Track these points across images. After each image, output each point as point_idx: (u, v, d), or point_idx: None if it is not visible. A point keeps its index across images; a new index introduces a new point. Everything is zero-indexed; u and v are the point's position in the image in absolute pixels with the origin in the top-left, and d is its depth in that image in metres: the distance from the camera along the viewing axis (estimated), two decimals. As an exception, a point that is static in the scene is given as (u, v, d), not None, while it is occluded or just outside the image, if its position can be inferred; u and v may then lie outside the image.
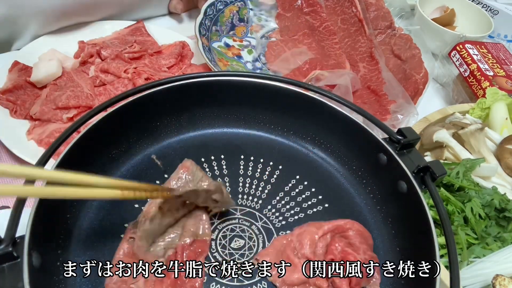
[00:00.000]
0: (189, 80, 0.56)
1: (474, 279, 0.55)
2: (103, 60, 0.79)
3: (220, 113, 0.61)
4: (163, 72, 0.80)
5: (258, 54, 0.89)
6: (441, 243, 0.51)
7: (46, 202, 0.41)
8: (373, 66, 0.87)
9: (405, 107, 0.77)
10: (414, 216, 0.48)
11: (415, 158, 0.52)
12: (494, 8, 1.16)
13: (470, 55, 0.91)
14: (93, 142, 0.49)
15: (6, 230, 0.36)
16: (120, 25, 0.88)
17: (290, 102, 0.59)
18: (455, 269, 0.39)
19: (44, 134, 0.65)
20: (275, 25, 0.98)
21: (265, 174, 0.57)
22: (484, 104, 0.78)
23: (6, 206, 0.58)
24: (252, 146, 0.61)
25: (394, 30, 0.97)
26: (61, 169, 0.39)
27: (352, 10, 0.95)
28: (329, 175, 0.59)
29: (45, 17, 0.78)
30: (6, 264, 0.35)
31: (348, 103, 0.55)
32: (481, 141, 0.71)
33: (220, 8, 0.93)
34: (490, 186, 0.65)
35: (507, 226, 0.61)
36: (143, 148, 0.57)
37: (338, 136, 0.59)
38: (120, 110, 0.51)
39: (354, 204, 0.56)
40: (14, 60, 0.74)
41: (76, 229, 0.46)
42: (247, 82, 0.58)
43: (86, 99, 0.70)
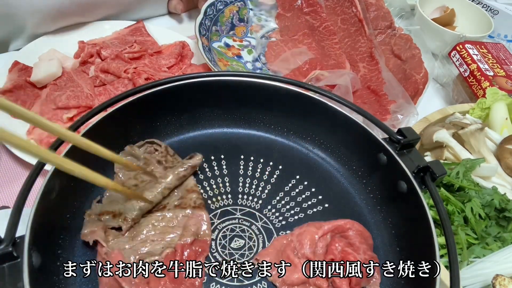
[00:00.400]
0: (189, 80, 0.56)
1: (474, 279, 0.55)
2: (103, 60, 0.79)
3: (220, 113, 0.61)
4: (163, 72, 0.80)
5: (258, 54, 0.89)
6: (441, 243, 0.51)
7: (46, 202, 0.41)
8: (373, 66, 0.87)
9: (405, 107, 0.77)
10: (414, 216, 0.48)
11: (415, 158, 0.52)
12: (494, 8, 1.16)
13: (470, 55, 0.91)
14: (93, 142, 0.49)
15: (6, 230, 0.36)
16: (120, 25, 0.88)
17: (290, 102, 0.59)
18: (455, 269, 0.39)
19: (44, 134, 0.65)
20: (275, 25, 0.98)
21: (265, 174, 0.57)
22: (484, 104, 0.78)
23: (6, 206, 0.58)
24: (252, 146, 0.61)
25: (394, 30, 0.97)
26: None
27: (352, 10, 0.95)
28: (329, 175, 0.59)
29: (42, 16, 0.78)
30: (6, 264, 0.35)
31: (348, 103, 0.55)
32: (481, 141, 0.71)
33: (220, 8, 0.93)
34: (490, 186, 0.65)
35: (507, 226, 0.61)
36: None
37: (338, 136, 0.59)
38: (120, 110, 0.51)
39: (354, 204, 0.56)
40: (14, 60, 0.74)
41: (76, 229, 0.46)
42: (247, 82, 0.58)
43: (86, 99, 0.70)
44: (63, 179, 0.44)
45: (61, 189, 0.44)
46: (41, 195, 0.40)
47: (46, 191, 0.41)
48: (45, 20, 0.79)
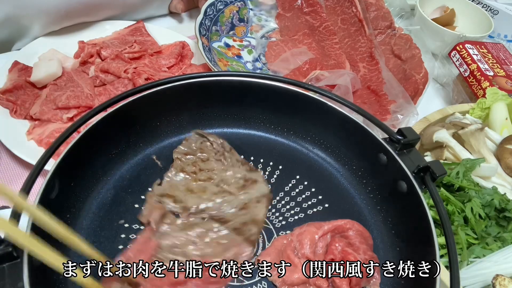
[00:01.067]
0: (189, 80, 0.56)
1: (474, 279, 0.55)
2: (103, 60, 0.79)
3: (220, 113, 0.61)
4: (163, 72, 0.80)
5: (258, 54, 0.89)
6: (441, 243, 0.51)
7: (46, 202, 0.41)
8: (373, 66, 0.87)
9: (405, 107, 0.77)
10: (414, 216, 0.48)
11: (415, 158, 0.52)
12: (494, 8, 1.16)
13: (470, 55, 0.91)
14: (93, 142, 0.49)
15: (6, 230, 0.36)
16: (120, 25, 0.88)
17: (290, 102, 0.59)
18: (455, 269, 0.39)
19: (44, 134, 0.65)
20: (275, 25, 0.98)
21: (265, 174, 0.57)
22: (484, 104, 0.78)
23: (6, 206, 0.58)
24: (252, 146, 0.61)
25: (394, 30, 0.97)
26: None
27: (352, 10, 0.95)
28: (329, 175, 0.59)
29: (49, 17, 0.78)
30: (6, 264, 0.35)
31: (348, 103, 0.55)
32: (481, 141, 0.71)
33: (220, 8, 0.93)
34: (490, 186, 0.65)
35: (507, 226, 0.61)
36: (143, 148, 0.57)
37: (338, 136, 0.59)
38: (120, 110, 0.51)
39: (354, 204, 0.56)
40: (14, 60, 0.74)
41: (76, 229, 0.46)
42: (247, 82, 0.58)
43: (86, 99, 0.70)
44: (63, 179, 0.44)
45: (61, 189, 0.44)
46: (41, 195, 0.40)
47: (46, 191, 0.41)
48: (51, 20, 0.79)
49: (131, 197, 0.52)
